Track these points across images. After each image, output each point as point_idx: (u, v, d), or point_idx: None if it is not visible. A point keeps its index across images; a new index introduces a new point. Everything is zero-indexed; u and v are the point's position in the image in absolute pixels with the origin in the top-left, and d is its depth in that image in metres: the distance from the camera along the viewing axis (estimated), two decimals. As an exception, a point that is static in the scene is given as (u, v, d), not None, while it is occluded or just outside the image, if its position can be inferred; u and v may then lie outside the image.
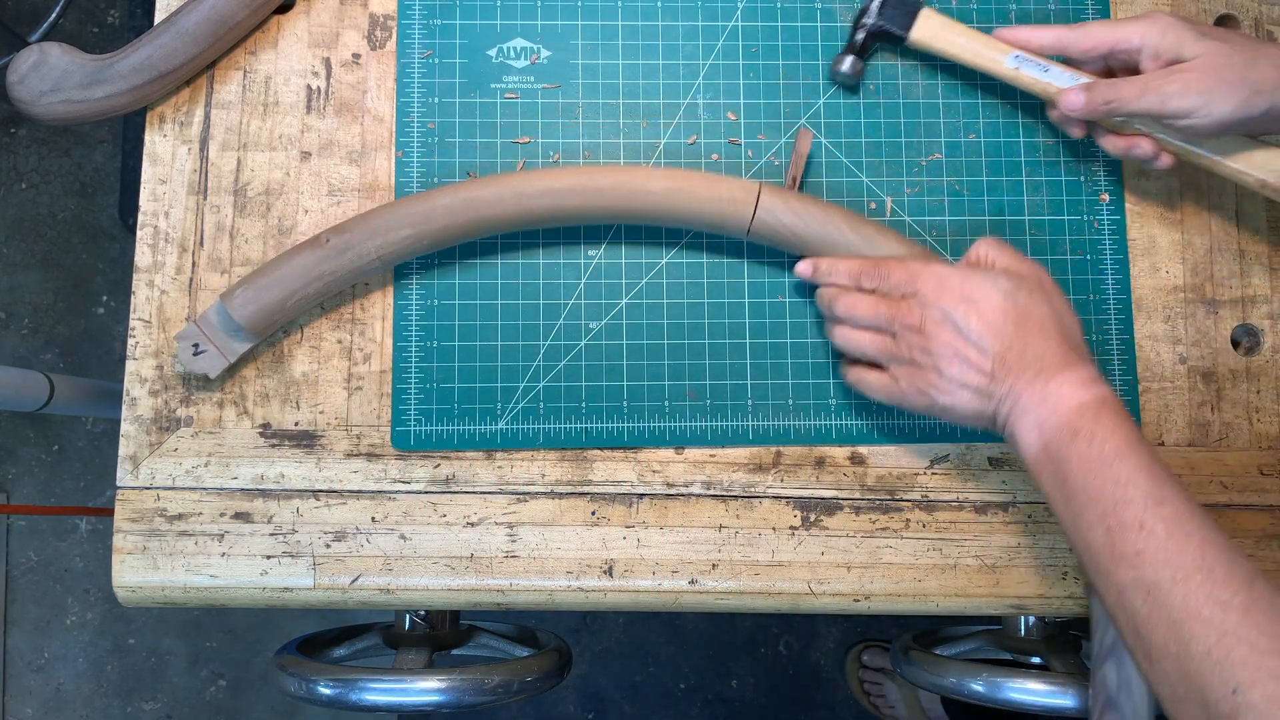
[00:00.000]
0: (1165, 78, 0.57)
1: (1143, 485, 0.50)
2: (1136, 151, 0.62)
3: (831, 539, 0.64)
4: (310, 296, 0.61)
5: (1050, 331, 0.55)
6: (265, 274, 0.60)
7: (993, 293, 0.55)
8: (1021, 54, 0.62)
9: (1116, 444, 0.51)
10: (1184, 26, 0.58)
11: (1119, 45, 0.60)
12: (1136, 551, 0.49)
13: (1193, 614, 0.46)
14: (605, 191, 0.61)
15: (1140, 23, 0.59)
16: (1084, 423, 0.52)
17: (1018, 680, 0.67)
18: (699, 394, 0.65)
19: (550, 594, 0.63)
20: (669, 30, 0.68)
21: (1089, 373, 0.54)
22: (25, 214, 1.51)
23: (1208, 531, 0.48)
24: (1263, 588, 0.46)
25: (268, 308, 0.60)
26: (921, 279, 0.57)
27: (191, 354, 0.61)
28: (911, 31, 0.64)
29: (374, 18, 0.67)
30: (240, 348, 0.62)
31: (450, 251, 0.65)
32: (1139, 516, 0.49)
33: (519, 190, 0.61)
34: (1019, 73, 0.63)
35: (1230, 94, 0.56)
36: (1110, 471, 0.51)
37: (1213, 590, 0.46)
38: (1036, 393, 0.54)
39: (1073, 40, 0.61)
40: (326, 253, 0.60)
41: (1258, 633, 0.44)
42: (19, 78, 0.62)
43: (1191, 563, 0.47)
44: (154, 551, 0.62)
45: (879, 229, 0.61)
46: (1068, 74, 0.62)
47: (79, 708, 1.43)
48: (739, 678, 1.44)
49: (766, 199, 0.61)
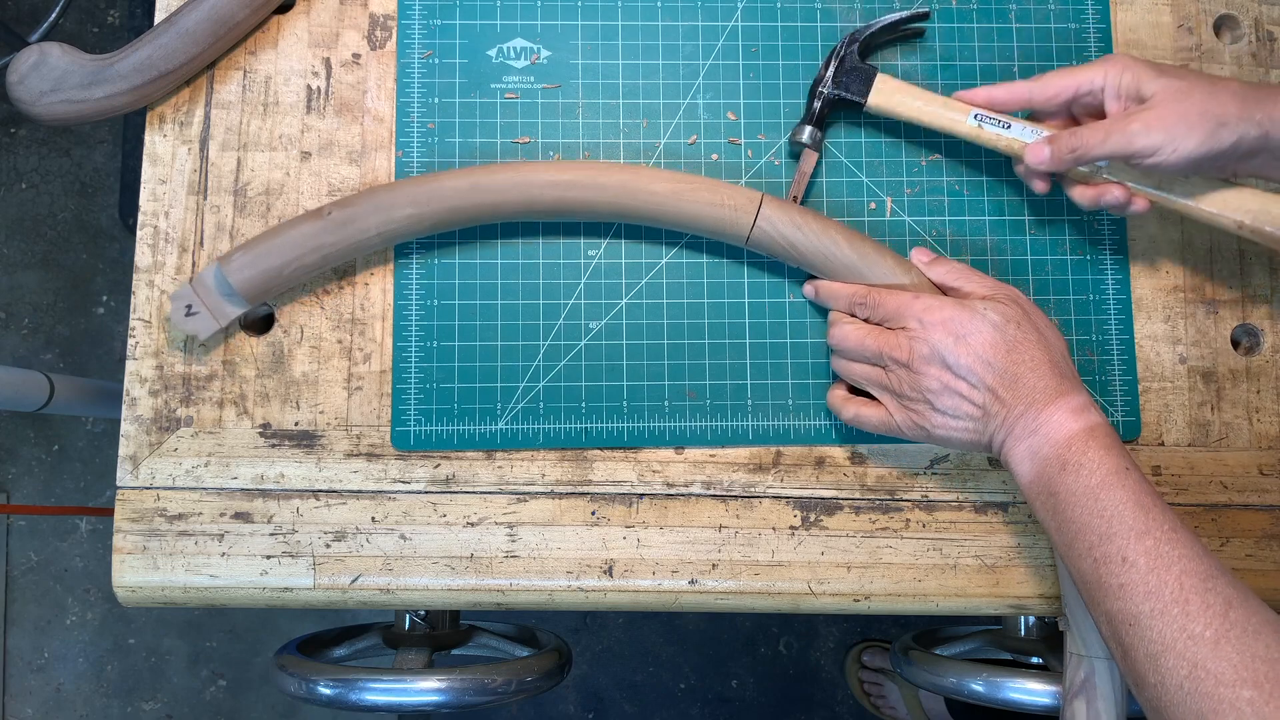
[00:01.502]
0: (1127, 119, 0.57)
1: (1127, 518, 0.51)
2: (1107, 199, 0.61)
3: (831, 539, 0.64)
4: (307, 267, 0.61)
5: (1040, 363, 0.55)
6: (264, 240, 0.60)
7: (983, 327, 0.56)
8: (981, 112, 0.62)
9: (1103, 475, 0.52)
10: (1141, 65, 0.58)
11: (1081, 89, 0.59)
12: (1120, 585, 0.50)
13: (1168, 647, 0.47)
14: (608, 188, 0.61)
15: (1099, 65, 0.59)
16: (1072, 454, 0.53)
17: (1018, 680, 0.68)
18: (699, 394, 0.65)
19: (550, 594, 0.63)
20: (669, 30, 0.68)
21: (1079, 401, 0.55)
22: (25, 214, 1.51)
23: (1188, 561, 0.49)
24: (1239, 614, 0.47)
25: (264, 274, 0.60)
26: (910, 311, 0.57)
27: (184, 314, 0.61)
28: (869, 98, 0.64)
29: (374, 18, 0.67)
30: (233, 311, 0.61)
31: (450, 251, 0.65)
32: (1122, 550, 0.50)
33: (524, 180, 0.61)
34: (981, 130, 0.62)
35: (1194, 129, 0.55)
36: (1096, 504, 0.52)
37: (1185, 623, 0.47)
38: (1029, 423, 0.55)
39: (1034, 92, 0.60)
40: (327, 225, 0.60)
41: (1225, 665, 0.46)
42: (19, 78, 0.62)
43: (1170, 595, 0.48)
44: (154, 551, 0.62)
45: (877, 248, 0.61)
46: (1029, 129, 0.61)
47: (79, 708, 1.43)
48: (739, 678, 1.44)
49: (768, 210, 0.61)
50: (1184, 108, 0.55)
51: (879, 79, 0.64)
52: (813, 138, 0.64)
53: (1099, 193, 0.61)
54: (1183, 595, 0.48)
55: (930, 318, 0.56)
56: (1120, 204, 0.61)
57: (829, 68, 0.65)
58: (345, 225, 0.60)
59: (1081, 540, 0.52)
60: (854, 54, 0.64)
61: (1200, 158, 0.56)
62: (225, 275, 0.60)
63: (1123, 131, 0.56)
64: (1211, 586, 0.48)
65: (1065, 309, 0.67)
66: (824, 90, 0.64)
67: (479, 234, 0.65)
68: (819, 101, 0.65)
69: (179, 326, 0.61)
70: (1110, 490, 0.51)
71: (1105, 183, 0.61)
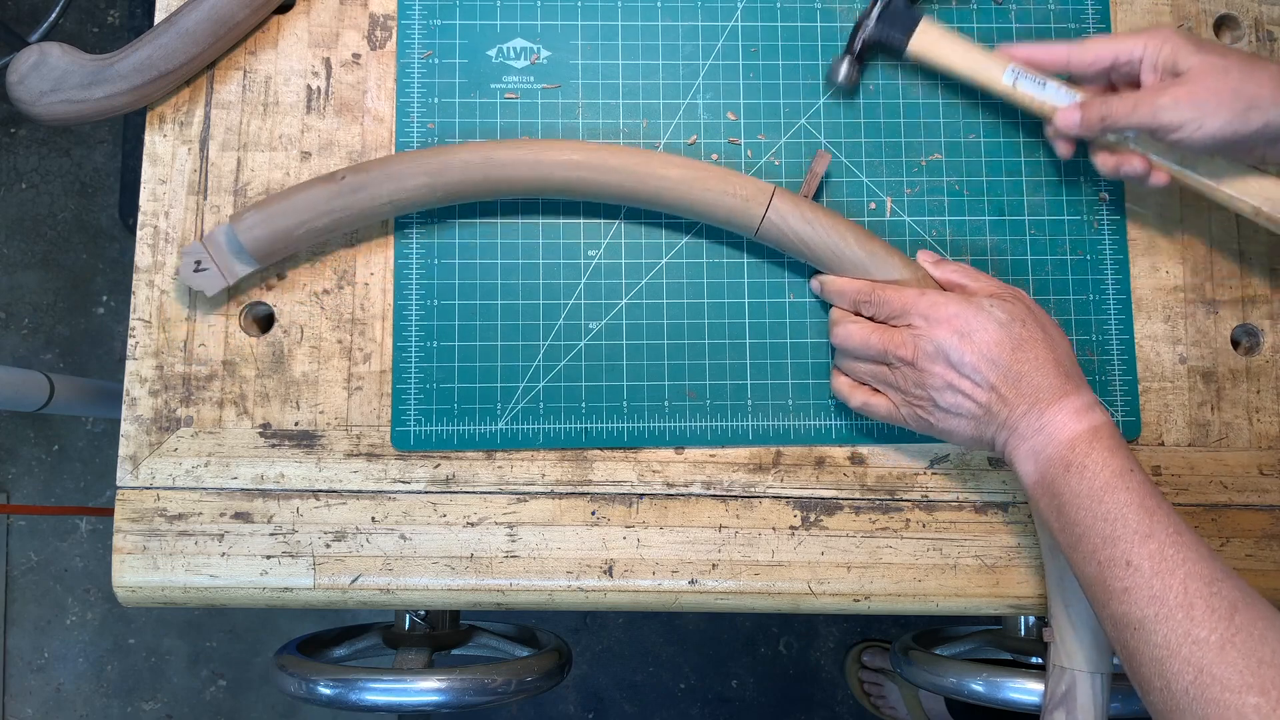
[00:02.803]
0: (1157, 91, 0.57)
1: (1131, 520, 0.50)
2: (1127, 169, 0.61)
3: (831, 539, 0.64)
4: (317, 230, 0.61)
5: (1045, 361, 0.55)
6: (277, 201, 0.61)
7: (988, 324, 0.55)
8: (1019, 69, 0.62)
9: (1107, 477, 0.52)
10: (1183, 39, 0.57)
11: (1120, 58, 0.59)
12: (1124, 588, 0.50)
13: (1173, 652, 0.47)
14: (621, 170, 0.61)
15: (1141, 35, 0.59)
16: (1076, 455, 0.53)
17: (1017, 680, 0.68)
18: (699, 394, 0.65)
19: (550, 594, 0.63)
20: (669, 30, 0.68)
21: (1084, 400, 0.54)
22: (25, 214, 1.51)
23: (1193, 564, 0.49)
24: (1244, 618, 0.47)
25: (275, 234, 0.61)
26: (915, 309, 0.57)
27: (192, 269, 0.61)
28: (910, 42, 0.64)
29: (374, 18, 0.67)
30: (241, 270, 0.62)
31: (451, 251, 0.65)
32: (1126, 553, 0.50)
33: (537, 157, 0.61)
34: (1016, 88, 0.62)
35: (1222, 108, 0.55)
36: (1100, 507, 0.51)
37: (1190, 628, 0.47)
38: (1033, 423, 0.54)
39: (1075, 55, 0.60)
40: (340, 189, 0.60)
41: (1230, 670, 0.45)
42: (19, 78, 0.62)
43: (1174, 599, 0.48)
44: (154, 551, 0.62)
45: (885, 247, 0.61)
46: (1064, 90, 0.61)
47: (79, 708, 1.43)
48: (739, 678, 1.44)
49: (779, 202, 0.61)
50: (1216, 86, 0.55)
51: (923, 23, 0.63)
52: (849, 75, 0.64)
53: (1120, 161, 0.61)
54: (1187, 599, 0.48)
55: (935, 314, 0.56)
56: (1140, 175, 0.61)
57: (875, 6, 0.64)
58: (357, 191, 0.61)
59: (1085, 543, 0.52)
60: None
61: (1226, 138, 0.56)
62: (236, 234, 0.60)
63: (1151, 104, 0.56)
64: (1217, 590, 0.48)
65: (1065, 309, 0.67)
66: (868, 26, 0.64)
67: (479, 234, 0.65)
68: (860, 38, 0.64)
69: (187, 281, 0.62)
70: (1114, 493, 0.51)
71: (1128, 151, 0.61)
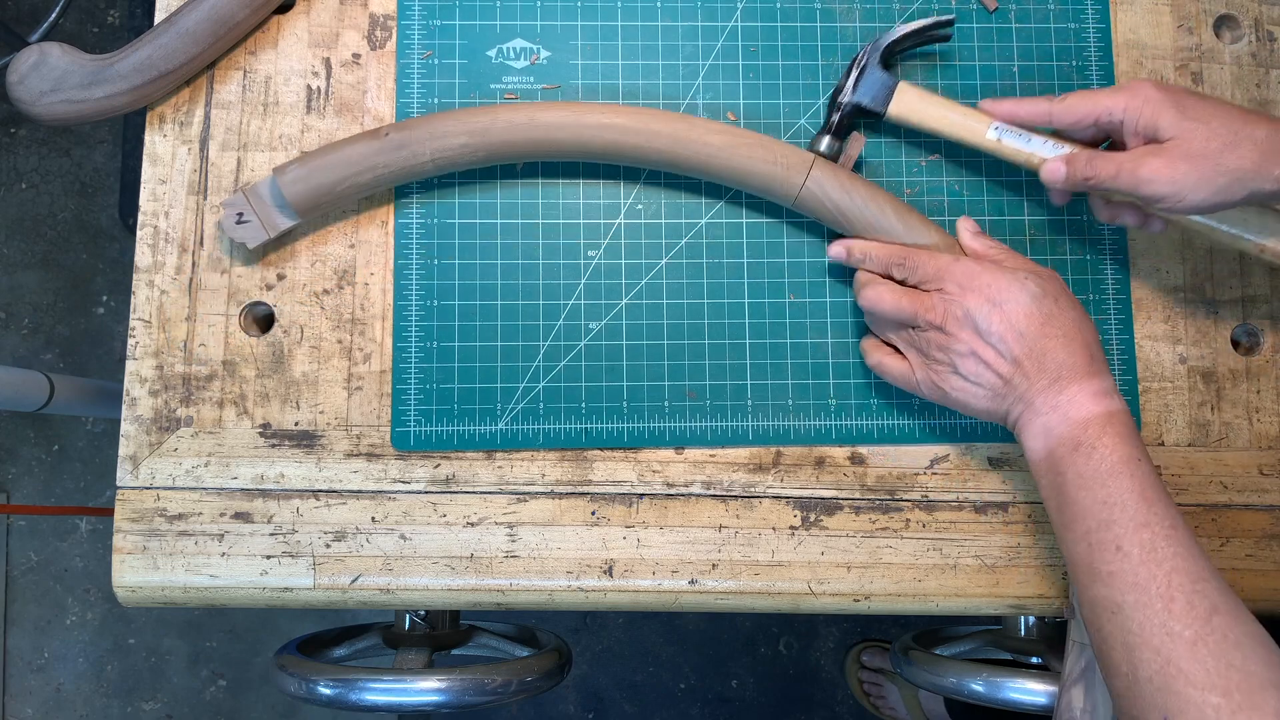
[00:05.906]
0: (1139, 161, 0.55)
1: (1130, 507, 0.51)
2: (1123, 220, 0.61)
3: (831, 539, 0.64)
4: (361, 186, 0.62)
5: (1072, 339, 0.55)
6: (321, 155, 0.61)
7: (1020, 295, 0.55)
8: (1002, 125, 0.61)
9: (1114, 462, 0.52)
10: (1163, 100, 0.56)
11: (1101, 118, 0.58)
12: (1109, 572, 0.50)
13: (1145, 640, 0.48)
14: (664, 135, 0.61)
15: (1122, 94, 0.57)
16: (1087, 436, 0.53)
17: (1017, 680, 0.68)
18: (699, 394, 0.65)
19: (550, 594, 0.63)
20: (669, 30, 0.68)
21: (1104, 385, 0.54)
22: (25, 214, 1.51)
23: (1181, 560, 0.49)
24: (1222, 621, 0.47)
25: (317, 188, 0.61)
26: (949, 275, 0.57)
27: (235, 221, 0.62)
28: (889, 106, 0.63)
29: (374, 18, 0.67)
30: (283, 223, 0.62)
31: (451, 250, 0.65)
32: (1118, 538, 0.50)
33: (580, 119, 0.61)
34: (1001, 144, 0.61)
35: (1204, 183, 0.54)
36: (1102, 490, 0.51)
37: (1167, 620, 0.47)
38: (1050, 399, 0.54)
39: (1057, 114, 0.59)
40: (384, 145, 0.61)
41: (1198, 667, 0.46)
42: (19, 78, 0.62)
43: (1157, 589, 0.48)
44: (154, 551, 0.62)
45: (922, 220, 0.61)
46: (1050, 144, 0.61)
47: (79, 708, 1.43)
48: (739, 678, 1.44)
49: (818, 171, 0.61)
50: (1198, 160, 0.54)
51: (901, 87, 0.63)
52: (831, 148, 0.63)
53: (1115, 212, 0.61)
54: (1169, 592, 0.48)
55: (969, 281, 0.56)
56: (1136, 225, 0.62)
57: (850, 77, 0.63)
58: (400, 148, 0.61)
59: (1080, 523, 0.52)
60: (876, 62, 0.63)
61: (1210, 209, 0.56)
62: (279, 186, 0.61)
63: (1132, 174, 0.56)
64: (1200, 589, 0.48)
65: (1065, 309, 0.67)
66: (844, 100, 0.63)
67: (480, 234, 0.65)
68: (839, 113, 0.63)
69: (230, 233, 0.62)
70: (1118, 478, 0.51)
71: (1123, 203, 0.61)
